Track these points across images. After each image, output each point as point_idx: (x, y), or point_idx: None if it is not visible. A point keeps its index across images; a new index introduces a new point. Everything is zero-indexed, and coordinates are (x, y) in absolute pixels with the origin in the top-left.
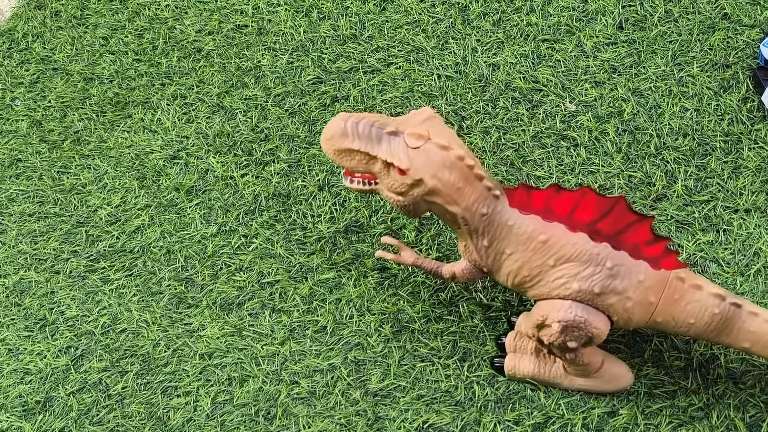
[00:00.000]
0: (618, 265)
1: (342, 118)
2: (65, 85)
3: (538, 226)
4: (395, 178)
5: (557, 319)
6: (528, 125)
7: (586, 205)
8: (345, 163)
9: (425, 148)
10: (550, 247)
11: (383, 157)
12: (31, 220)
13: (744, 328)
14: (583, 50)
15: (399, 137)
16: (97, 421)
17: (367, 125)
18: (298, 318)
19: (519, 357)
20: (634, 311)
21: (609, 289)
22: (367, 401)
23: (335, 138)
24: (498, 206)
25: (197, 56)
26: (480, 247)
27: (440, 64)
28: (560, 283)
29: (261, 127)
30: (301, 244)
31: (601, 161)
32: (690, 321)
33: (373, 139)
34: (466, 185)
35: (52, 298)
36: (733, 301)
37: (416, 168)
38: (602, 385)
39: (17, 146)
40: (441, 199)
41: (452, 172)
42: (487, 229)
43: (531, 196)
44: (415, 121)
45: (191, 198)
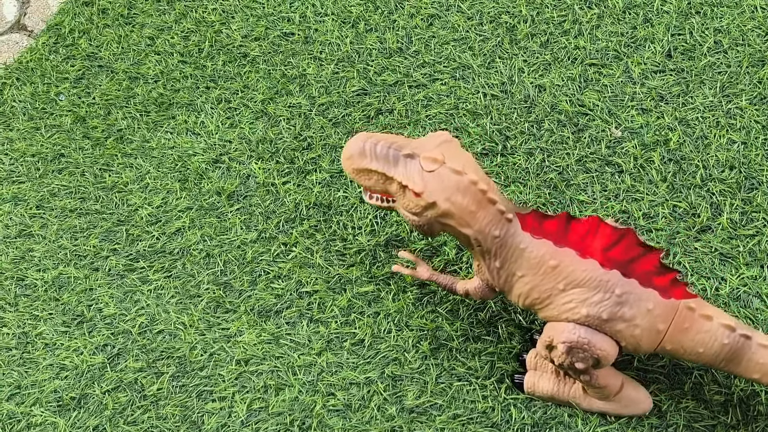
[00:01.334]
0: (627, 292)
1: (362, 138)
2: (110, 82)
3: (549, 250)
4: (410, 199)
5: (562, 340)
6: (573, 149)
7: (596, 233)
8: (363, 182)
9: (439, 172)
10: (560, 272)
11: (399, 179)
12: (72, 216)
13: (754, 360)
14: (631, 76)
15: (415, 160)
16: (131, 421)
17: (384, 146)
18: (335, 329)
19: (539, 375)
20: (642, 338)
21: (617, 316)
22: (403, 417)
23: (354, 157)
24: (511, 229)
25: (243, 61)
26: (492, 268)
27: (486, 83)
28: (569, 308)
29: (304, 136)
30: (340, 256)
31: (646, 189)
32: (699, 350)
33: (390, 161)
34: (479, 209)
35: (90, 295)
36: (744, 332)
37: (430, 191)
38: (620, 408)
39: (60, 141)
40: (454, 221)
41: (465, 195)
42: (500, 251)
43: (543, 222)
44: (431, 145)
45: (232, 203)
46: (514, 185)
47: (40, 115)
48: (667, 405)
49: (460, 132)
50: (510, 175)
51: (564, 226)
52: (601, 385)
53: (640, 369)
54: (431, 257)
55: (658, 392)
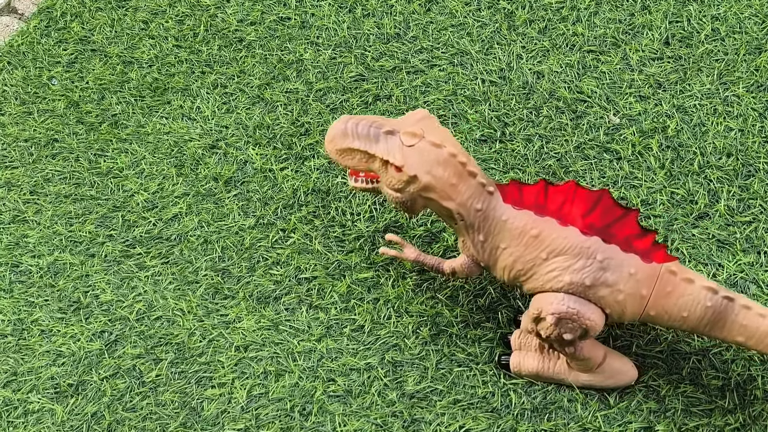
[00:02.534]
0: (608, 258)
1: (342, 120)
2: (104, 67)
3: (530, 220)
4: (392, 175)
5: (550, 312)
6: (571, 135)
7: (575, 198)
8: (347, 162)
9: (419, 147)
10: (542, 240)
11: (381, 155)
12: (66, 202)
13: (737, 322)
14: (629, 63)
15: (395, 136)
16: (130, 408)
17: (365, 125)
18: (335, 315)
19: (524, 354)
20: (626, 304)
21: (600, 282)
22: (404, 403)
23: (336, 139)
24: (492, 202)
25: (238, 46)
26: (476, 242)
27: (484, 69)
28: (552, 276)
29: (301, 122)
30: (339, 242)
31: (644, 176)
32: (683, 314)
33: (372, 139)
34: (460, 181)
35: (86, 281)
36: (726, 294)
37: (410, 165)
38: (605, 380)
39: (54, 126)
40: (436, 194)
41: (446, 168)
42: (483, 224)
43: (522, 192)
44: (411, 121)
45: (229, 188)
46: (513, 172)
47: (33, 99)
48: (665, 390)
49: (459, 118)
50: (509, 162)
51: (543, 193)
52: (585, 357)
53: (639, 354)
54: (430, 243)
55: (657, 377)
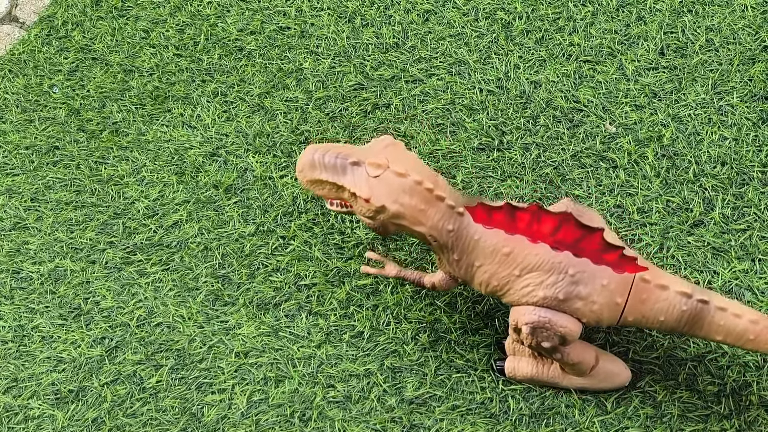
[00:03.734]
0: (580, 271)
1: (310, 150)
2: (104, 75)
3: (502, 238)
4: (362, 205)
5: (524, 322)
6: (568, 144)
7: (540, 218)
8: (319, 192)
9: (384, 177)
10: (514, 258)
11: (348, 187)
12: (67, 209)
13: (714, 323)
14: (625, 73)
15: (361, 167)
16: (130, 414)
17: (332, 157)
18: (334, 322)
19: (518, 359)
20: (601, 312)
21: (573, 295)
22: (403, 408)
23: (305, 170)
24: (464, 222)
25: (239, 55)
26: (451, 261)
27: (482, 78)
28: (527, 292)
29: (301, 130)
30: (338, 249)
31: (640, 184)
32: (660, 318)
33: (339, 170)
34: (428, 206)
35: (87, 288)
36: (701, 297)
37: (377, 196)
38: (599, 383)
39: (55, 134)
40: (406, 221)
41: (412, 196)
42: (456, 243)
43: (491, 213)
44: (376, 149)
45: (230, 196)
46: (511, 180)
47: (34, 107)
48: (662, 395)
49: (457, 127)
50: (506, 170)
51: (510, 215)
52: (575, 361)
53: (636, 360)
54: (428, 250)
55: (653, 383)
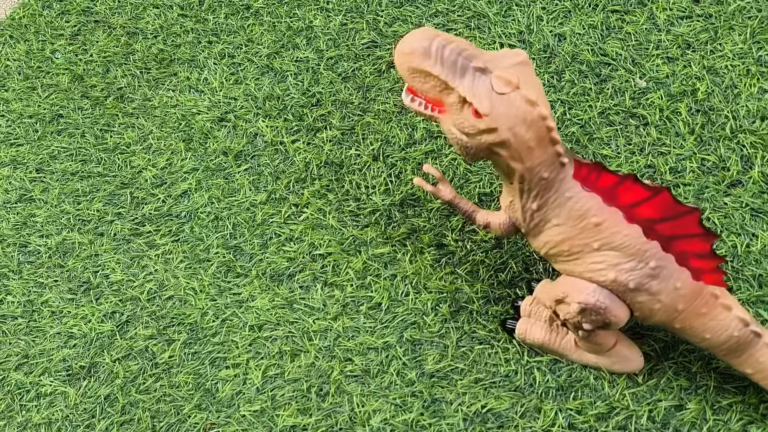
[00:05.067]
0: (661, 267)
1: (428, 35)
2: (107, 39)
3: (596, 206)
4: (467, 118)
5: (578, 300)
6: (595, 101)
7: (655, 203)
8: (416, 84)
9: (510, 98)
10: (601, 231)
11: (462, 93)
12: (73, 179)
13: (754, 357)
14: (656, 23)
15: (486, 77)
16: (143, 390)
17: (454, 52)
18: (351, 293)
19: (532, 323)
20: (659, 313)
21: (644, 288)
22: (423, 382)
23: (415, 55)
24: (561, 174)
25: (245, 14)
26: (527, 209)
27: (503, 32)
28: (597, 269)
29: (312, 92)
30: (354, 216)
31: (673, 142)
32: (706, 336)
33: (457, 70)
34: (538, 146)
35: (96, 261)
36: (755, 329)
37: (495, 116)
38: (611, 365)
39: (58, 101)
40: (508, 153)
41: (530, 129)
42: (542, 193)
43: (600, 176)
44: (507, 63)
45: (240, 163)
46: None
47: (36, 74)
48: (696, 366)
49: None
50: None
51: (621, 185)
52: (598, 342)
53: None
54: (450, 215)
55: (687, 353)
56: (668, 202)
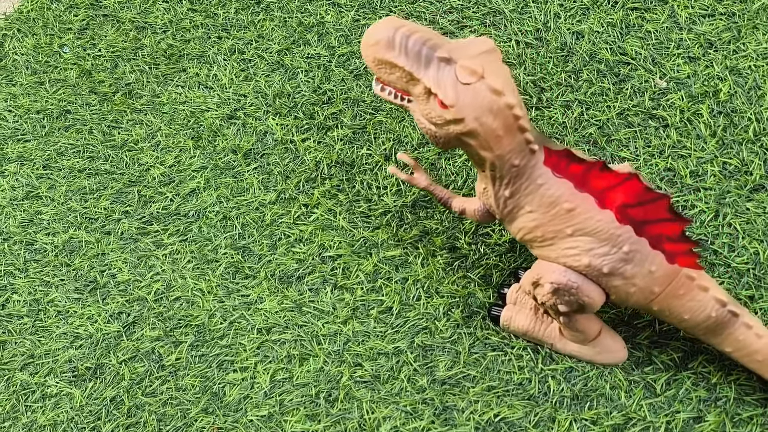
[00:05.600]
0: (634, 251)
1: (392, 24)
2: (116, 33)
3: (568, 192)
4: (434, 108)
5: (550, 280)
6: (614, 101)
7: (626, 188)
8: (382, 75)
9: (475, 87)
10: (573, 216)
11: (427, 84)
12: (81, 177)
13: (733, 335)
14: (677, 21)
15: (450, 67)
16: (150, 392)
17: (418, 42)
18: (361, 296)
19: (517, 310)
20: (635, 296)
21: (618, 272)
22: (435, 389)
23: (380, 46)
24: (532, 161)
25: (256, 9)
26: (500, 196)
27: (519, 29)
28: (571, 254)
29: (324, 89)
30: (365, 217)
31: (694, 145)
32: (684, 317)
33: (422, 60)
34: (507, 134)
35: (102, 260)
36: (733, 309)
37: (461, 107)
38: (594, 355)
39: (66, 97)
40: (476, 142)
41: (497, 118)
42: (514, 180)
43: (571, 163)
44: (472, 52)
45: (249, 161)
46: None
47: (44, 68)
48: (716, 377)
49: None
50: (546, 130)
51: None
52: (580, 330)
53: (688, 339)
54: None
55: (707, 363)
56: (638, 188)
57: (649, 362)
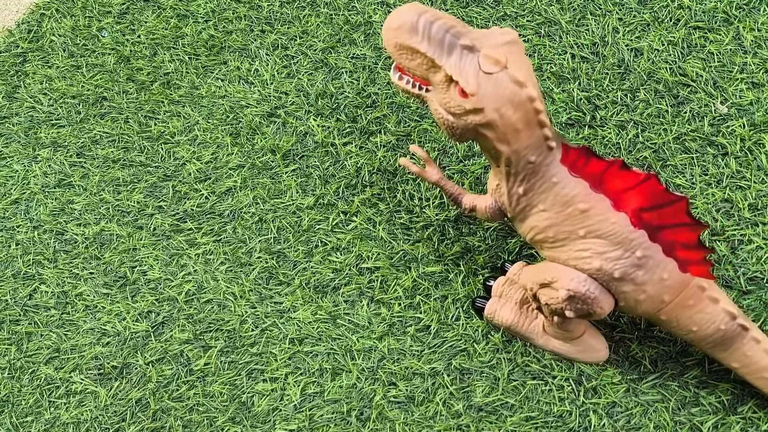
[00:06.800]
0: (647, 257)
1: (416, 10)
2: (156, 20)
3: (583, 193)
4: (453, 97)
5: (567, 287)
6: (671, 124)
7: (643, 190)
8: (403, 61)
9: (498, 77)
10: (588, 218)
11: (449, 71)
12: (115, 167)
13: (740, 351)
14: (742, 44)
15: (473, 55)
16: (176, 397)
17: (441, 29)
18: (398, 312)
19: (502, 303)
20: (644, 304)
21: (629, 278)
22: (471, 416)
23: (403, 30)
24: (548, 158)
25: (302, 3)
26: (513, 193)
27: (575, 42)
28: (582, 256)
29: (368, 92)
30: (405, 229)
31: (754, 176)
32: (693, 328)
33: (445, 47)
34: (526, 128)
35: (134, 256)
36: (742, 323)
37: (482, 96)
38: (576, 353)
39: (103, 83)
40: (494, 134)
41: (517, 111)
42: (528, 177)
43: (589, 161)
44: (495, 42)
45: (288, 163)
46: None
47: (81, 52)
48: (767, 425)
49: (544, 97)
50: (598, 150)
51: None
52: (570, 329)
53: (738, 382)
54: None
55: (757, 409)
56: (656, 189)
57: (696, 403)
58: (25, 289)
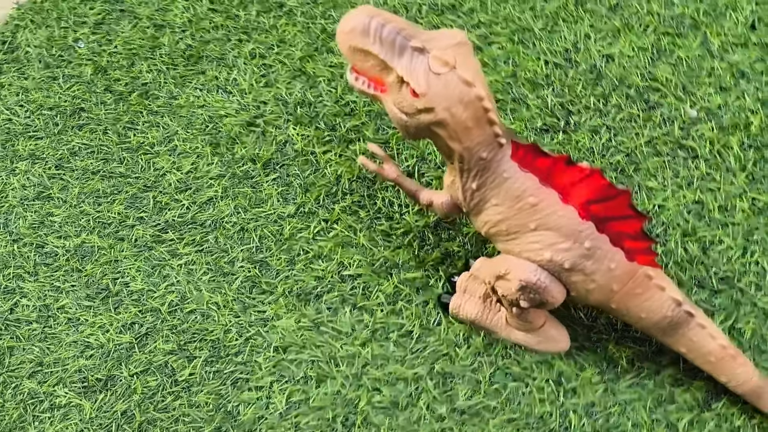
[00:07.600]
0: (595, 247)
1: (367, 13)
2: (133, 30)
3: (533, 187)
4: (405, 97)
5: (519, 278)
6: (642, 128)
7: (589, 184)
8: (357, 63)
9: (447, 78)
10: (537, 211)
11: (400, 72)
12: (94, 179)
13: (687, 336)
14: (709, 49)
15: (423, 56)
16: (162, 408)
17: (392, 31)
18: (381, 319)
19: (467, 298)
20: (594, 293)
21: (579, 268)
22: (454, 419)
23: (355, 34)
24: (499, 154)
25: (278, 12)
26: (467, 188)
27: (548, 49)
28: (534, 248)
29: (346, 100)
30: (386, 236)
31: (723, 178)
32: (642, 315)
33: (396, 49)
34: (476, 126)
35: (115, 267)
36: (688, 309)
37: (432, 96)
38: (538, 344)
39: (80, 94)
40: (445, 132)
41: (467, 110)
42: (481, 173)
43: (536, 157)
44: (444, 43)
45: (268, 172)
46: None
47: (58, 63)
48: (740, 420)
49: (518, 104)
50: (573, 155)
51: (556, 166)
52: (529, 320)
53: (714, 380)
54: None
55: (731, 404)
56: (601, 183)
57: (672, 401)
58: (6, 303)
